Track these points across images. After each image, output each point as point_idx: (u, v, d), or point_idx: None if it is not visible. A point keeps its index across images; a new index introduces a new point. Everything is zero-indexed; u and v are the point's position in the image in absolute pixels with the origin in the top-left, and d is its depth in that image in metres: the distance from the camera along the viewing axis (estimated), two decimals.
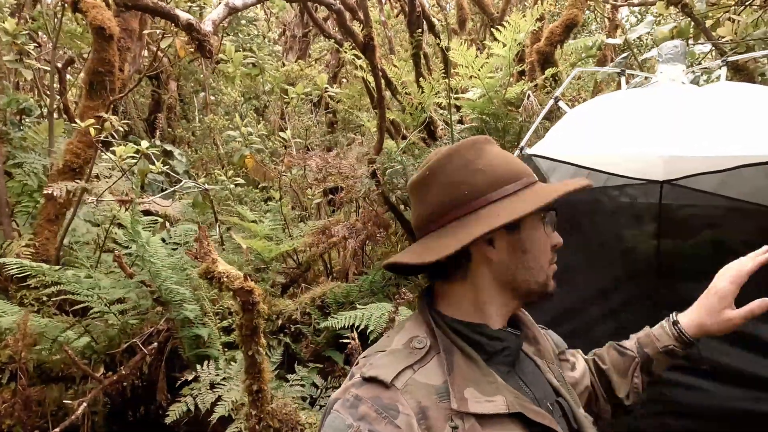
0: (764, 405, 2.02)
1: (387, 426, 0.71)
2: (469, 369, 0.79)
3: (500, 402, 0.76)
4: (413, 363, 0.78)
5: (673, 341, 1.12)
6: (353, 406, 0.73)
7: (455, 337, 0.83)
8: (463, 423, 0.73)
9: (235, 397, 2.05)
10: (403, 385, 0.75)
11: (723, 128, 1.85)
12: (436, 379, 0.77)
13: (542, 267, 0.88)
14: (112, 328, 2.75)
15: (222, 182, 3.44)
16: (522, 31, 3.05)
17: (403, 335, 0.84)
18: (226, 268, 1.50)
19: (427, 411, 0.74)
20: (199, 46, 2.16)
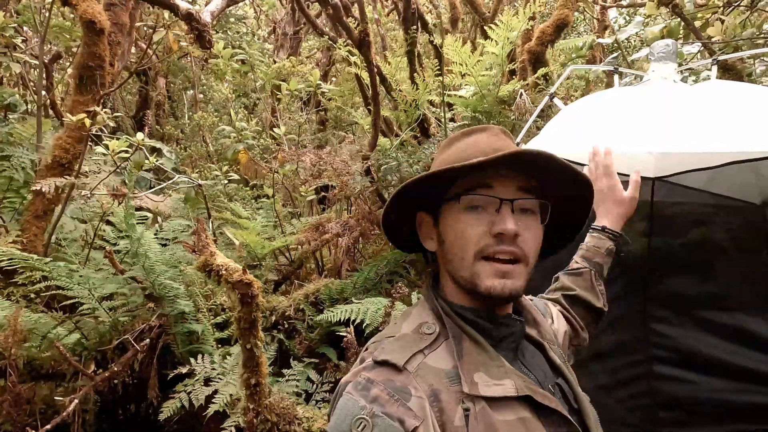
0: (750, 396, 2.06)
1: (399, 408, 0.71)
2: (478, 354, 0.80)
3: (509, 385, 0.78)
4: (424, 348, 0.79)
5: (609, 241, 1.30)
6: (365, 388, 0.74)
7: (463, 323, 0.84)
8: (474, 405, 0.75)
9: (231, 393, 2.04)
10: (414, 369, 0.76)
11: (712, 126, 1.89)
12: (446, 363, 0.79)
13: (462, 259, 0.82)
14: (102, 324, 2.72)
15: (214, 178, 3.42)
16: (515, 30, 3.08)
17: (412, 322, 0.85)
18: (224, 261, 1.50)
19: (439, 394, 0.75)
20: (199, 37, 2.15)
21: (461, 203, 0.82)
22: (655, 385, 2.26)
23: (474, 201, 0.82)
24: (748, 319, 2.19)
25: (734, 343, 2.16)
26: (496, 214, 0.81)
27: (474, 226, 0.81)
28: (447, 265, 0.87)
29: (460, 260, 0.82)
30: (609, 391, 2.33)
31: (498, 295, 0.80)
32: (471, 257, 0.81)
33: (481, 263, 0.81)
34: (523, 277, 0.82)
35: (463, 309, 0.85)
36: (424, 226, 0.92)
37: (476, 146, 0.86)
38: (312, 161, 3.12)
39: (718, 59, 2.16)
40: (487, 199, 0.81)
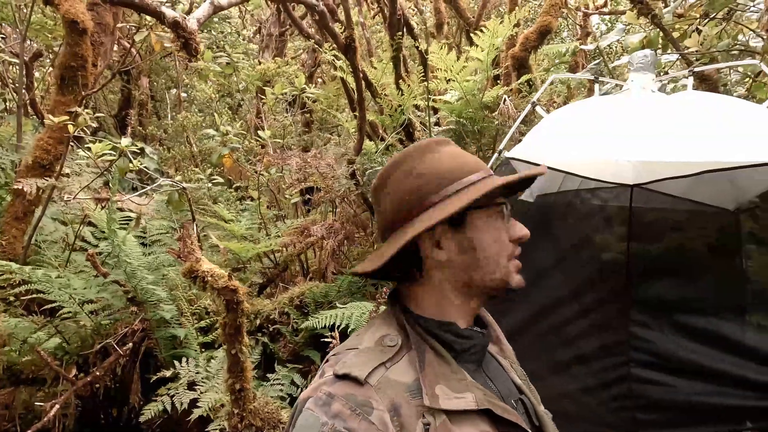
0: (725, 398, 2.13)
1: (362, 423, 0.71)
2: (440, 366, 0.80)
3: (470, 399, 0.78)
4: (386, 360, 0.79)
5: None
6: (326, 403, 0.73)
7: (426, 335, 0.84)
8: (434, 420, 0.74)
9: (214, 398, 2.04)
10: (376, 383, 0.75)
11: (689, 135, 1.94)
12: (408, 376, 0.78)
13: (497, 263, 0.86)
14: (84, 328, 2.69)
15: (198, 180, 3.40)
16: (500, 36, 3.12)
17: (374, 333, 0.85)
18: (210, 267, 1.50)
19: (399, 408, 0.74)
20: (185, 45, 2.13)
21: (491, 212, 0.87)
22: (635, 388, 2.31)
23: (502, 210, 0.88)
24: (723, 324, 2.26)
25: (710, 347, 2.22)
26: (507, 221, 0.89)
27: (504, 232, 0.88)
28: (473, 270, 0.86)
29: (495, 264, 0.86)
30: (591, 393, 2.38)
31: (519, 287, 0.87)
32: (505, 260, 0.86)
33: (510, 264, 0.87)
34: None
35: (425, 321, 0.85)
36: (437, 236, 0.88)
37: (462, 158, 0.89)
38: (297, 164, 3.12)
39: (695, 70, 2.22)
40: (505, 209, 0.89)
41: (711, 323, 2.28)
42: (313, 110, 6.16)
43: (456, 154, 0.90)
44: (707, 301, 2.32)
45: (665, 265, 2.44)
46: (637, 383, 2.30)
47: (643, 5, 2.59)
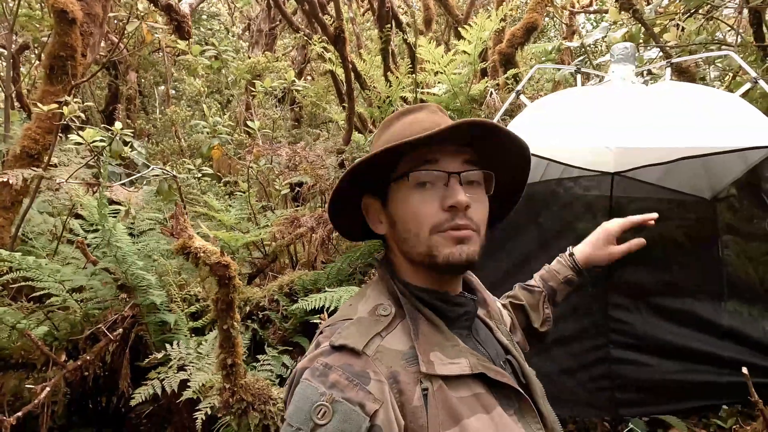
0: (699, 375, 2.21)
1: (359, 393, 0.72)
2: (434, 334, 0.83)
3: (464, 364, 0.81)
4: (381, 330, 0.81)
5: (570, 271, 1.35)
6: (323, 374, 0.74)
7: (419, 303, 0.86)
8: (432, 384, 0.77)
9: (204, 378, 2.07)
10: (373, 353, 0.77)
11: (666, 123, 2.02)
12: (403, 344, 0.81)
13: (417, 236, 0.84)
14: (74, 314, 2.71)
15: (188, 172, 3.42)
16: (487, 30, 3.19)
17: (367, 303, 0.87)
18: (202, 244, 1.54)
19: (397, 376, 0.76)
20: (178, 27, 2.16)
21: (410, 181, 0.83)
22: (614, 368, 2.38)
23: (422, 177, 0.83)
24: (697, 304, 2.34)
25: (685, 327, 2.30)
26: (445, 188, 0.82)
27: (426, 202, 0.83)
28: (402, 245, 0.88)
29: (415, 237, 0.84)
30: (572, 375, 2.45)
31: (456, 262, 0.82)
32: (427, 233, 0.82)
33: (437, 236, 0.82)
34: (477, 243, 0.85)
35: (418, 290, 0.87)
36: (372, 210, 0.92)
37: (418, 124, 0.87)
38: (287, 155, 3.16)
39: (672, 62, 2.30)
40: (435, 174, 0.83)
41: (686, 304, 2.35)
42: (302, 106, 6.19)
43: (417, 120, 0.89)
44: (684, 285, 2.39)
45: (644, 252, 2.51)
46: (616, 364, 2.36)
47: (625, 0, 2.68)
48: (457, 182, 0.82)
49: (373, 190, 0.91)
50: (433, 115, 0.91)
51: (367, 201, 0.93)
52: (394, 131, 0.90)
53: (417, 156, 0.84)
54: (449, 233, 0.82)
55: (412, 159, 0.84)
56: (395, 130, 0.90)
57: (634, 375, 2.34)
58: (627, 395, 2.35)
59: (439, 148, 0.84)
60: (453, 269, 0.85)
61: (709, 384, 2.21)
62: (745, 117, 1.92)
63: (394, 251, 0.92)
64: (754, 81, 1.98)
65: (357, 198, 0.93)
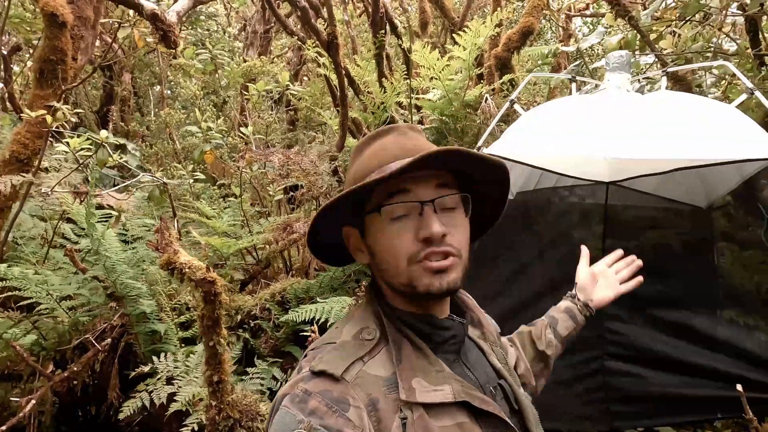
0: (695, 389, 2.18)
1: (338, 419, 0.70)
2: (418, 359, 0.80)
3: (447, 391, 0.78)
4: (363, 355, 0.78)
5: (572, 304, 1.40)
6: (303, 401, 0.72)
7: (404, 327, 0.84)
8: (412, 413, 0.74)
9: (193, 392, 2.04)
10: (353, 378, 0.75)
11: (662, 134, 2.00)
12: (385, 370, 0.78)
13: (396, 267, 0.82)
14: (62, 324, 2.67)
15: (180, 177, 3.39)
16: (482, 36, 3.16)
17: (353, 326, 0.84)
18: (188, 259, 1.50)
19: (377, 403, 0.74)
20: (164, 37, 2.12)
21: (383, 215, 0.81)
22: (609, 380, 2.36)
23: (395, 210, 0.80)
24: (695, 317, 2.32)
25: (681, 340, 2.28)
26: (420, 217, 0.80)
27: (401, 235, 0.80)
28: (382, 274, 0.86)
29: (394, 269, 0.82)
30: (568, 386, 2.43)
31: (437, 291, 0.80)
32: (405, 265, 0.80)
33: (416, 267, 0.80)
34: (459, 269, 0.82)
35: (403, 313, 0.85)
36: (353, 240, 0.90)
37: (385, 151, 0.85)
38: (280, 161, 3.13)
39: (668, 71, 2.28)
40: (407, 205, 0.80)
41: (684, 317, 2.34)
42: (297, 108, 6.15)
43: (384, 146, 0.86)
44: (680, 296, 2.38)
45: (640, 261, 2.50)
46: (611, 376, 2.35)
47: (620, 7, 2.65)
48: (432, 210, 0.80)
49: (351, 221, 0.89)
50: (401, 137, 0.88)
51: (347, 231, 0.91)
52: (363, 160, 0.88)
53: (388, 186, 0.81)
54: (426, 264, 0.79)
55: (383, 189, 0.82)
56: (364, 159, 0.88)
57: (629, 387, 2.32)
58: (622, 407, 2.32)
59: (411, 176, 0.80)
60: (434, 298, 0.83)
61: (704, 398, 2.19)
62: (740, 128, 1.89)
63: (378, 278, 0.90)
64: (750, 92, 1.96)
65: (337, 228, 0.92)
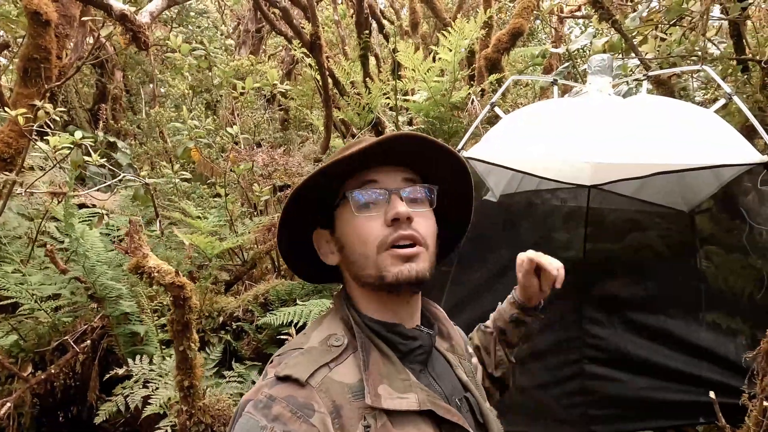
0: (672, 394, 2.19)
1: (302, 425, 0.70)
2: (385, 367, 0.80)
3: (412, 399, 0.78)
4: (329, 361, 0.78)
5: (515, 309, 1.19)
6: (267, 406, 0.72)
7: (372, 335, 0.83)
8: (376, 421, 0.74)
9: (169, 395, 2.02)
10: (318, 384, 0.75)
11: (642, 138, 2.00)
12: (351, 377, 0.78)
13: (365, 257, 0.82)
14: (42, 325, 2.65)
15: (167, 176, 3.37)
16: (467, 37, 3.15)
17: (321, 332, 0.84)
18: (157, 263, 1.49)
19: (340, 410, 0.73)
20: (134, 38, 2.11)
21: (352, 203, 0.83)
22: (587, 384, 2.36)
23: (364, 197, 0.83)
24: (672, 321, 2.33)
25: (658, 344, 2.28)
26: (387, 205, 0.82)
27: (369, 222, 0.82)
28: (352, 268, 0.86)
29: (364, 259, 0.82)
30: (546, 389, 2.43)
31: (406, 279, 0.80)
32: (374, 252, 0.81)
33: (384, 255, 0.81)
34: (427, 260, 0.83)
35: (372, 321, 0.85)
36: (322, 241, 0.91)
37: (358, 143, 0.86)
38: (264, 161, 3.11)
39: (649, 74, 2.28)
40: (375, 193, 0.83)
41: (664, 321, 2.34)
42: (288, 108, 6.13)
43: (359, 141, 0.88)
44: (661, 299, 2.38)
45: (620, 264, 2.50)
46: (590, 379, 2.35)
47: (604, 11, 2.65)
48: (398, 198, 0.82)
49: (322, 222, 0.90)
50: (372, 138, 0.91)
51: (317, 234, 0.91)
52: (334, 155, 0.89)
53: (357, 180, 0.84)
54: (394, 251, 0.81)
55: (352, 183, 0.84)
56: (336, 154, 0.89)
57: (608, 391, 2.32)
58: (600, 411, 2.32)
59: (378, 169, 0.84)
60: (403, 287, 0.82)
61: (685, 402, 2.19)
62: (718, 133, 1.90)
63: (348, 281, 0.90)
64: (729, 96, 1.96)
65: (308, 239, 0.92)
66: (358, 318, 0.85)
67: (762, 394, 1.46)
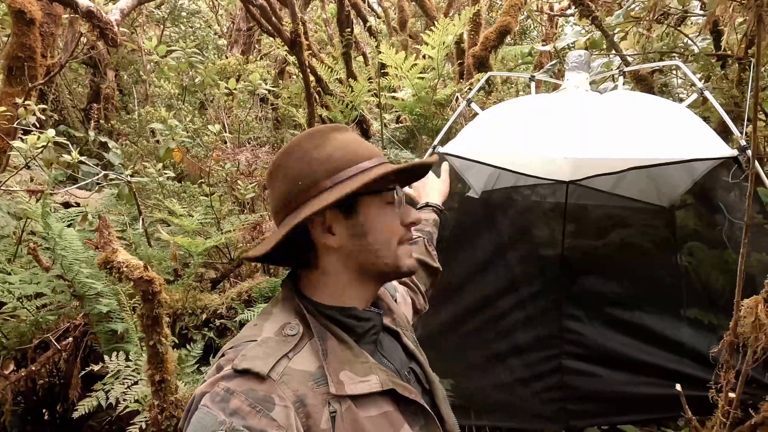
0: (649, 388, 2.20)
1: (262, 419, 0.69)
2: (343, 352, 0.81)
3: (374, 381, 0.79)
4: (288, 351, 0.78)
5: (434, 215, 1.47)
6: (224, 400, 0.70)
7: (327, 322, 0.84)
8: (340, 406, 0.75)
9: (144, 392, 2.03)
10: (279, 376, 0.74)
11: (617, 134, 2.01)
12: (311, 365, 0.78)
13: (388, 247, 0.89)
14: (24, 323, 2.65)
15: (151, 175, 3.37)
16: (450, 34, 3.16)
17: (273, 323, 0.84)
18: (126, 258, 1.50)
19: (304, 399, 0.74)
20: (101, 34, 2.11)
21: (383, 198, 0.91)
22: (566, 379, 2.38)
23: (391, 196, 0.92)
24: (654, 317, 2.34)
25: (638, 340, 2.29)
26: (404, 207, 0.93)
27: (395, 218, 0.91)
28: (367, 255, 0.88)
29: (386, 248, 0.89)
30: (525, 384, 2.44)
31: (414, 269, 0.94)
32: (396, 244, 0.90)
33: (401, 248, 0.91)
34: None
35: (326, 308, 0.85)
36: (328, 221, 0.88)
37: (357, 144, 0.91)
38: (248, 159, 3.11)
39: (624, 70, 2.29)
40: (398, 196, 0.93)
41: (644, 316, 2.35)
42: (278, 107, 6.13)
43: (349, 140, 0.91)
44: (642, 295, 2.39)
45: (599, 260, 2.51)
46: (569, 375, 2.36)
47: (584, 7, 2.66)
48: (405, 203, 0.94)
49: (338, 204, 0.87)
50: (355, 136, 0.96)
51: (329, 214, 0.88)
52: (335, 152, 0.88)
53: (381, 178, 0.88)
54: (407, 246, 0.93)
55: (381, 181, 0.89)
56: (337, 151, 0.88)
57: (586, 386, 2.33)
58: (578, 406, 2.34)
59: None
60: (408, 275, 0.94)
61: (661, 396, 2.20)
62: (689, 128, 1.91)
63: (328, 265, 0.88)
64: (700, 91, 1.97)
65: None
66: (310, 306, 0.86)
67: (728, 387, 1.47)
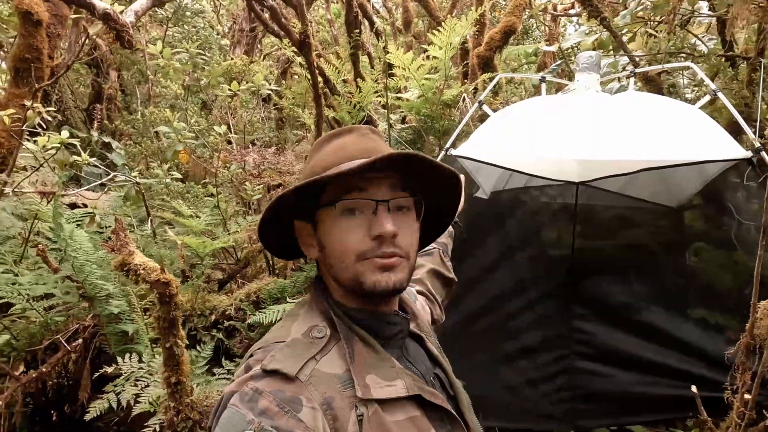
0: (658, 388, 2.20)
1: (290, 420, 0.69)
2: (369, 356, 0.81)
3: (400, 386, 0.79)
4: (316, 353, 0.78)
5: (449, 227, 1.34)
6: (253, 399, 0.70)
7: (353, 325, 0.84)
8: (367, 409, 0.75)
9: (160, 393, 2.03)
10: (307, 378, 0.74)
11: (628, 135, 2.01)
12: (338, 367, 0.78)
13: (343, 263, 0.83)
14: (34, 324, 2.66)
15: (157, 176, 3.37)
16: (458, 35, 3.16)
17: (301, 325, 0.83)
18: (143, 261, 1.50)
19: (332, 402, 0.73)
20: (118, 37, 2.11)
21: (337, 209, 0.82)
22: (576, 379, 2.38)
23: (349, 205, 0.81)
24: (663, 317, 2.34)
25: (647, 340, 2.29)
26: (373, 215, 0.81)
27: (353, 230, 0.81)
28: (330, 269, 0.86)
29: (341, 264, 0.82)
30: (535, 385, 2.44)
31: (383, 289, 0.81)
32: (352, 261, 0.81)
33: (362, 263, 0.81)
34: (406, 270, 0.84)
35: (352, 310, 0.85)
36: (304, 234, 0.90)
37: (344, 150, 0.86)
38: (255, 161, 3.11)
39: (635, 71, 2.29)
40: (362, 202, 0.81)
41: (652, 316, 2.35)
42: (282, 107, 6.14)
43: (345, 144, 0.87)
44: (650, 296, 2.39)
45: (609, 261, 2.52)
46: (578, 375, 2.36)
47: (593, 8, 2.66)
48: (385, 210, 0.81)
49: (304, 214, 0.89)
50: (362, 138, 0.89)
51: (299, 225, 0.91)
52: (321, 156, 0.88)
53: (345, 184, 0.82)
54: (375, 261, 0.81)
55: (339, 186, 0.82)
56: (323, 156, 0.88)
57: (595, 386, 2.33)
58: (587, 406, 2.34)
59: (367, 176, 0.82)
60: (379, 296, 0.83)
61: (670, 397, 2.20)
62: (702, 129, 1.91)
63: (325, 274, 0.90)
64: (714, 93, 1.97)
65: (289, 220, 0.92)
66: (337, 309, 0.86)
67: (743, 388, 1.48)
